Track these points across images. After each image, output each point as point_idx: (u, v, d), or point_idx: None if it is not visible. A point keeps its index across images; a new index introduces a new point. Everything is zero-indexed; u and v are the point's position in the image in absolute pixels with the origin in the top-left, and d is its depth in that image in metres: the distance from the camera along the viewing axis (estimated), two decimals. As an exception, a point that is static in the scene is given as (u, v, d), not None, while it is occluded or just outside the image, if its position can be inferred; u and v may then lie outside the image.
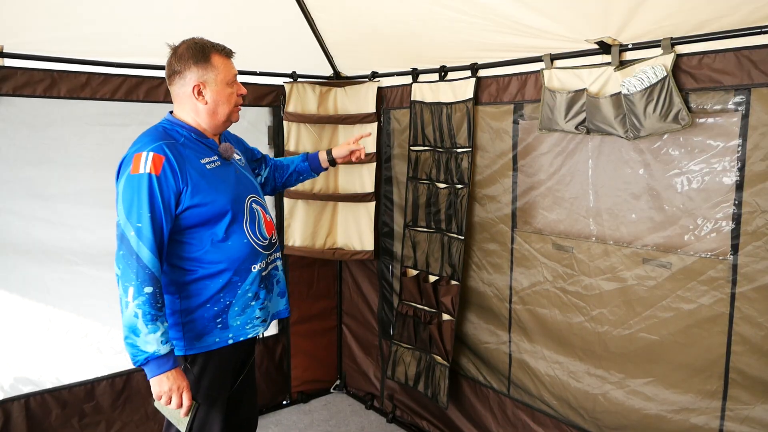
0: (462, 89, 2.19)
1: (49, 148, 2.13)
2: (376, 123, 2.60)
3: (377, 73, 2.59)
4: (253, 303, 1.53)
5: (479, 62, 2.12)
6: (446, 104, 2.25)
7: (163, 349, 1.35)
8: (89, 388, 2.28)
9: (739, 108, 1.50)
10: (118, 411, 2.35)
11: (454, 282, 2.28)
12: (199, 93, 1.48)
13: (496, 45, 1.95)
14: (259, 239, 1.54)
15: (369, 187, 2.64)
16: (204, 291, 1.46)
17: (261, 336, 1.61)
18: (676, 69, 1.57)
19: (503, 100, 2.08)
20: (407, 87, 2.47)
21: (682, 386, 1.67)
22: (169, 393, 1.38)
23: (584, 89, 1.75)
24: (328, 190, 2.70)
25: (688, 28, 1.52)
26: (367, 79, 2.62)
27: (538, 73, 1.93)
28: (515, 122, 2.06)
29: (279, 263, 1.64)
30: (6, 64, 1.98)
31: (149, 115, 2.32)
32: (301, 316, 2.88)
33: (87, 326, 2.27)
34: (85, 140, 2.20)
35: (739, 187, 1.52)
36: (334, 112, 2.68)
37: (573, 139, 1.89)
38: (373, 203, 2.65)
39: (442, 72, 2.28)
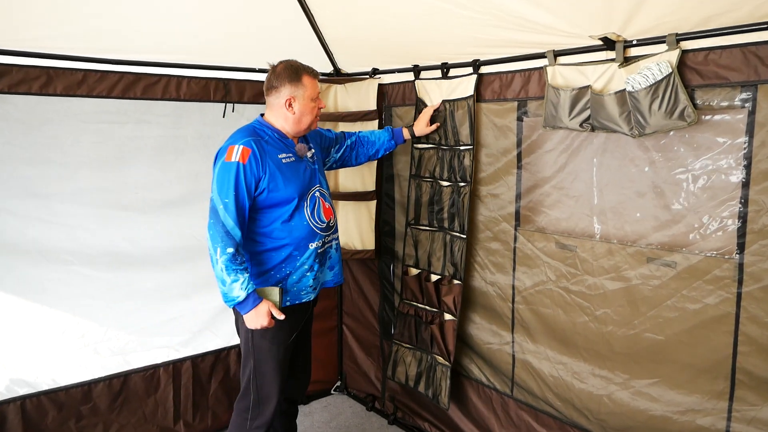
0: (464, 86, 2.20)
1: (45, 146, 2.13)
2: (377, 120, 2.60)
3: (378, 69, 2.59)
4: (308, 274, 1.93)
5: (482, 59, 2.13)
6: (448, 101, 2.26)
7: (243, 295, 1.77)
8: (86, 389, 2.28)
9: (746, 105, 1.51)
10: (116, 413, 2.35)
11: (456, 281, 2.28)
12: (290, 105, 1.89)
13: (498, 41, 1.95)
14: (317, 222, 1.93)
15: (370, 185, 2.65)
16: (270, 261, 1.88)
17: (314, 300, 2.02)
18: (682, 65, 1.57)
19: (506, 97, 2.08)
20: (409, 84, 2.47)
21: (688, 387, 1.67)
22: (257, 323, 1.80)
23: (588, 86, 1.75)
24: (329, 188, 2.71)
25: (694, 24, 1.52)
26: (367, 76, 2.62)
27: (541, 70, 1.93)
28: (519, 119, 2.06)
29: (335, 243, 2.05)
30: (1, 61, 1.99)
31: (147, 112, 2.34)
32: (300, 316, 2.88)
33: (84, 327, 2.28)
34: (82, 138, 2.20)
35: (746, 184, 1.52)
36: (334, 110, 2.68)
37: (577, 137, 1.90)
38: (374, 202, 2.65)
39: (444, 69, 2.29)
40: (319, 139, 2.16)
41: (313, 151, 2.02)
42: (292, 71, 1.87)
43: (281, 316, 1.82)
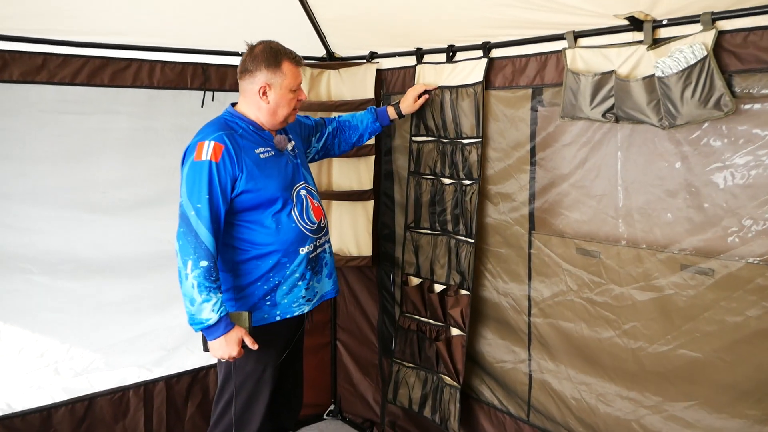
0: (471, 71, 2.19)
1: (1, 139, 2.10)
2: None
3: (376, 53, 2.58)
4: (299, 283, 1.90)
5: (492, 41, 2.12)
6: (452, 88, 2.25)
7: (214, 318, 1.71)
8: (45, 415, 2.25)
9: (791, 92, 1.50)
10: (80, 441, 2.32)
11: (463, 291, 2.27)
12: (264, 93, 1.84)
13: (511, 21, 1.94)
14: (307, 224, 1.89)
15: (367, 183, 2.63)
16: (255, 270, 1.83)
17: (307, 314, 1.98)
18: (718, 48, 1.56)
19: (519, 83, 2.07)
20: (410, 69, 2.46)
21: (729, 410, 1.66)
22: (227, 353, 1.74)
23: (612, 71, 1.74)
24: (320, 187, 2.69)
25: (732, 1, 1.51)
26: (364, 61, 2.61)
27: (559, 53, 1.92)
28: (533, 109, 2.06)
29: (327, 246, 2.02)
30: (-50, 44, 1.97)
31: (115, 101, 2.32)
32: (289, 331, 2.86)
33: (43, 344, 2.25)
34: (42, 131, 2.18)
35: (791, 182, 1.52)
36: (326, 98, 2.67)
37: (600, 129, 1.89)
38: (372, 202, 2.64)
39: (450, 52, 2.28)
40: (298, 129, 2.13)
41: (293, 143, 1.99)
42: (270, 54, 1.82)
43: (255, 346, 1.77)
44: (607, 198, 1.89)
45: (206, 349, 1.79)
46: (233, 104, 1.92)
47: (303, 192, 1.92)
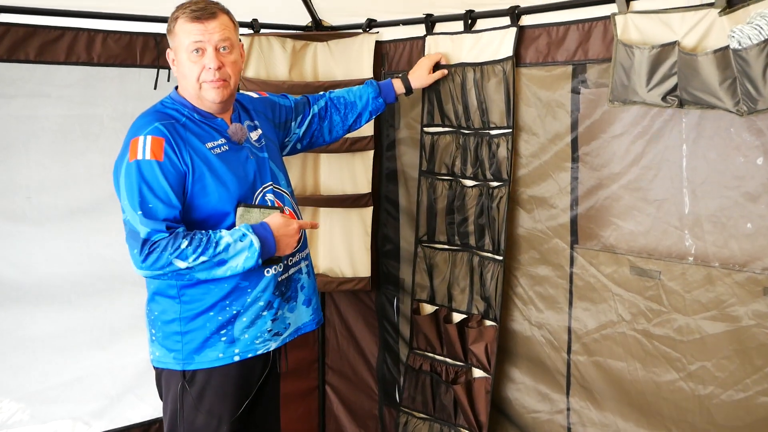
0: (497, 44, 2.20)
1: None
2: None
3: (375, 21, 2.60)
4: (264, 313, 1.85)
5: (522, 4, 2.13)
6: (474, 65, 2.27)
7: (253, 239, 1.72)
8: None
9: None
10: None
11: (489, 322, 2.28)
12: (173, 63, 1.83)
13: (546, -20, 1.96)
14: None
15: (364, 186, 2.64)
16: (207, 296, 1.79)
17: (277, 351, 1.94)
18: (812, 12, 1.57)
19: (557, 59, 2.09)
20: (418, 41, 2.48)
21: (827, 476, 1.66)
22: (294, 237, 1.81)
23: (675, 43, 1.74)
24: (305, 190, 2.70)
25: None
26: (360, 30, 2.63)
27: (607, 20, 1.93)
28: (575, 91, 2.07)
29: (305, 265, 1.98)
30: None
31: (44, 82, 2.33)
32: (264, 373, 2.85)
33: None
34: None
35: None
36: (313, 78, 2.68)
37: (659, 116, 1.90)
38: (370, 209, 2.65)
39: (469, 20, 2.29)
40: (270, 113, 2.08)
41: (260, 131, 1.96)
42: (174, 11, 1.79)
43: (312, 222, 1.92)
44: (669, 203, 1.90)
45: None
46: (177, 87, 1.89)
47: (269, 196, 1.89)
